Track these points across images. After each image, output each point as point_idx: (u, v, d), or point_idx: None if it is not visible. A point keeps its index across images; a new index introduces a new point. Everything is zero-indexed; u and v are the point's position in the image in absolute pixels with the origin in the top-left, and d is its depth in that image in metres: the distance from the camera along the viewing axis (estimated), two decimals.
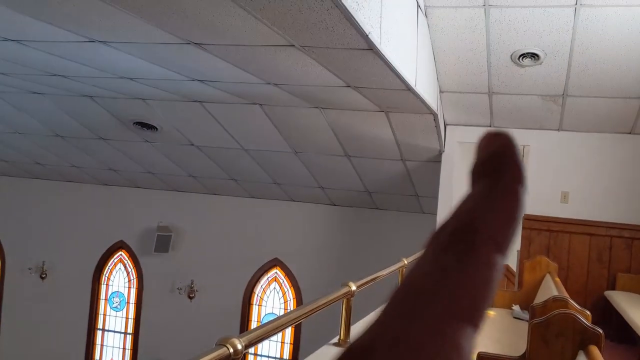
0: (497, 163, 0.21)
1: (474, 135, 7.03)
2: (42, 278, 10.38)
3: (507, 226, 0.21)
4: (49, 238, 10.43)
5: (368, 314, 4.01)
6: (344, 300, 3.13)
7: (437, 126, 6.41)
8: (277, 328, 2.18)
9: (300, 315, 2.36)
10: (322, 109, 6.33)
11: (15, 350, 10.47)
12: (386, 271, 4.17)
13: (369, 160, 7.53)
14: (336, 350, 3.05)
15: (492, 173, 0.21)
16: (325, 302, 2.77)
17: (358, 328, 3.42)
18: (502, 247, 0.21)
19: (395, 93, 5.11)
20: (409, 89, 4.90)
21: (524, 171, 0.22)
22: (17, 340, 10.47)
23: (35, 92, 6.97)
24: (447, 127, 6.98)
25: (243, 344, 1.92)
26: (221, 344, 1.88)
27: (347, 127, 6.67)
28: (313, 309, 2.54)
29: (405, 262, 4.62)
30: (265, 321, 9.43)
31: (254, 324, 9.65)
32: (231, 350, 1.87)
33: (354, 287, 3.12)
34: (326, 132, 6.83)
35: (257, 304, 9.83)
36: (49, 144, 8.73)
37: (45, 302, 10.34)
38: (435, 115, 6.15)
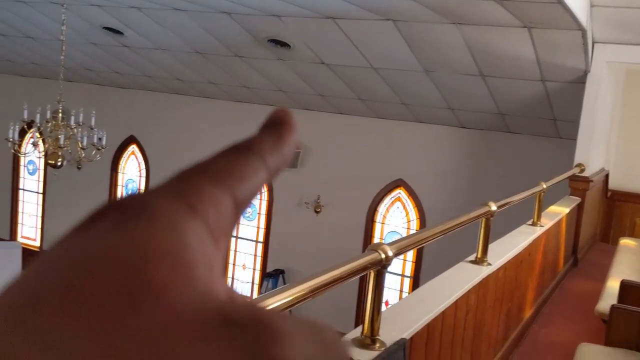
0: (277, 119, 0.28)
1: (625, 55, 6.48)
2: None
3: (276, 157, 0.26)
4: (188, 150, 11.13)
5: (503, 236, 3.97)
6: (483, 220, 3.11)
7: (585, 44, 5.96)
8: (423, 240, 2.23)
9: (445, 230, 2.39)
10: (459, 25, 6.07)
11: None
12: (523, 194, 4.06)
13: (505, 81, 7.20)
14: (475, 268, 3.07)
15: (273, 124, 0.28)
16: (466, 220, 2.78)
17: (494, 248, 3.41)
18: (268, 167, 0.26)
19: (542, 6, 4.78)
20: (558, 1, 4.57)
21: (295, 125, 0.28)
22: None
23: (177, 9, 7.27)
24: (595, 45, 6.45)
25: (393, 252, 1.99)
26: (373, 249, 1.96)
27: (484, 45, 6.38)
28: (455, 225, 2.56)
29: (544, 186, 4.46)
30: (388, 239, 9.63)
31: (376, 241, 9.89)
32: (383, 255, 1.95)
33: (494, 207, 3.08)
34: (461, 49, 6.58)
35: (380, 222, 10.02)
36: (189, 60, 9.16)
37: None
38: (583, 32, 5.71)
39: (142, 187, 11.81)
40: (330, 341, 0.21)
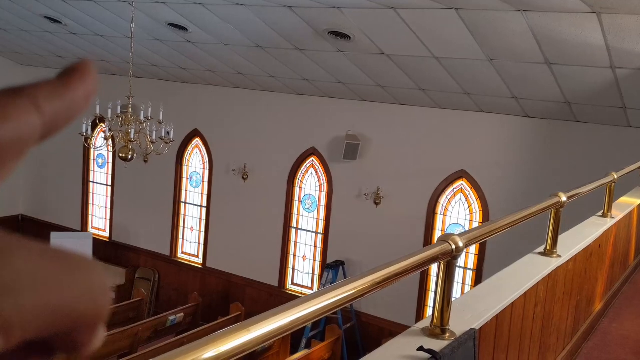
0: (71, 67, 0.26)
1: None
2: (244, 179, 11.41)
3: (55, 102, 0.25)
4: (249, 143, 11.35)
5: (567, 228, 3.88)
6: (553, 211, 3.06)
7: None
8: (493, 231, 2.23)
9: (515, 221, 2.38)
10: (524, 12, 5.94)
11: (221, 242, 11.82)
12: (594, 185, 3.95)
13: (571, 68, 6.99)
14: (544, 260, 3.03)
15: (66, 71, 0.26)
16: (536, 211, 2.74)
17: (563, 240, 3.35)
18: (42, 111, 0.24)
19: None
20: None
21: (89, 74, 0.27)
22: (223, 233, 11.78)
23: (239, 4, 7.41)
24: None
25: (464, 242, 1.99)
26: (444, 240, 1.97)
27: (550, 32, 6.21)
28: (526, 216, 2.53)
29: (615, 176, 4.33)
30: (449, 231, 9.53)
31: (438, 233, 9.80)
32: (453, 246, 1.96)
33: (564, 198, 3.03)
34: (526, 37, 6.43)
35: (442, 214, 9.92)
36: (250, 54, 9.31)
37: (247, 200, 11.41)
38: None
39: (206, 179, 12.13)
40: (73, 265, 0.21)
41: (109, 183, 13.51)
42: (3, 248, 0.20)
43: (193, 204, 12.33)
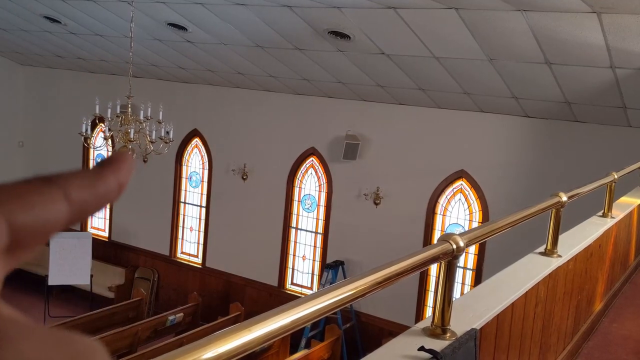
0: (109, 159, 0.27)
1: None
2: (244, 179, 11.40)
3: (85, 192, 0.26)
4: (249, 143, 11.34)
5: (573, 227, 3.88)
6: (553, 211, 3.05)
7: None
8: (494, 230, 2.22)
9: (516, 220, 2.37)
10: (524, 12, 5.94)
11: (220, 242, 11.81)
12: (594, 185, 3.94)
13: (571, 68, 6.99)
14: (544, 260, 3.02)
15: (103, 163, 0.27)
16: (537, 210, 2.74)
17: (564, 239, 3.34)
18: (71, 200, 0.25)
19: None
20: None
21: (124, 168, 0.27)
22: (222, 233, 11.77)
23: (239, 4, 7.40)
24: None
25: (465, 242, 1.99)
26: (444, 239, 1.97)
27: (550, 31, 6.21)
28: (527, 215, 2.53)
29: (616, 176, 4.32)
30: (449, 231, 9.52)
31: (437, 233, 9.80)
32: (454, 246, 1.95)
33: (564, 198, 3.02)
34: (527, 37, 6.42)
35: (442, 213, 9.92)
36: (250, 54, 9.30)
37: (246, 200, 11.40)
38: None
39: (205, 179, 12.12)
40: (77, 351, 0.22)
41: None
42: (13, 334, 0.20)
43: (192, 204, 12.32)
